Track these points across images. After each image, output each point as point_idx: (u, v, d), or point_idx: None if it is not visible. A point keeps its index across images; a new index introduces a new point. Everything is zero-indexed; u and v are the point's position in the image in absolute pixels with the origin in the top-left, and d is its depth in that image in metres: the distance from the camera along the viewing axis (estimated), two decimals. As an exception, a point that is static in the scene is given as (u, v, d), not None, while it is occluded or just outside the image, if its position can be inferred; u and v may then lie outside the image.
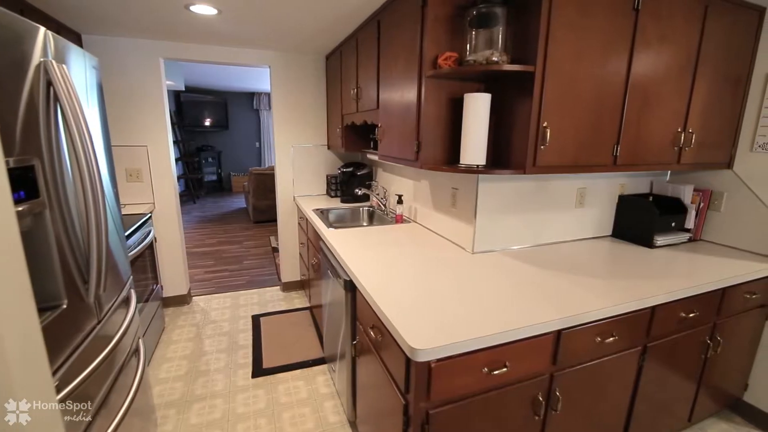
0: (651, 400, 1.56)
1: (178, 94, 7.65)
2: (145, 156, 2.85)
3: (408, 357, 1.04)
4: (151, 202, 2.93)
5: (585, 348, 1.28)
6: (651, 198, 2.10)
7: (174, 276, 3.11)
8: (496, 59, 1.42)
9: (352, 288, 1.59)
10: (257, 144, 9.02)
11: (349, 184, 3.04)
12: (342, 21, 2.22)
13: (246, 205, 6.88)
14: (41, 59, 1.01)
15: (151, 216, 2.74)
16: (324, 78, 3.23)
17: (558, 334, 1.21)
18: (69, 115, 1.06)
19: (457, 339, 1.04)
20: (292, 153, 3.28)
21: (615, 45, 1.49)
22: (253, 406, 2.01)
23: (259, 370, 2.30)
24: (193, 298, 3.32)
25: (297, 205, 3.26)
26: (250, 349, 2.52)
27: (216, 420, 1.91)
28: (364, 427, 1.64)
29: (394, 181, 2.73)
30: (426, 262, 1.65)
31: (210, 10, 2.04)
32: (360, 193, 2.84)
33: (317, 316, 2.67)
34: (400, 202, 2.44)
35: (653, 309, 1.39)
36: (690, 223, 2.01)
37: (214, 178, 8.72)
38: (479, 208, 1.76)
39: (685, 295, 1.45)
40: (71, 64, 1.19)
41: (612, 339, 1.31)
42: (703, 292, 1.50)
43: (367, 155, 2.99)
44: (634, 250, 1.90)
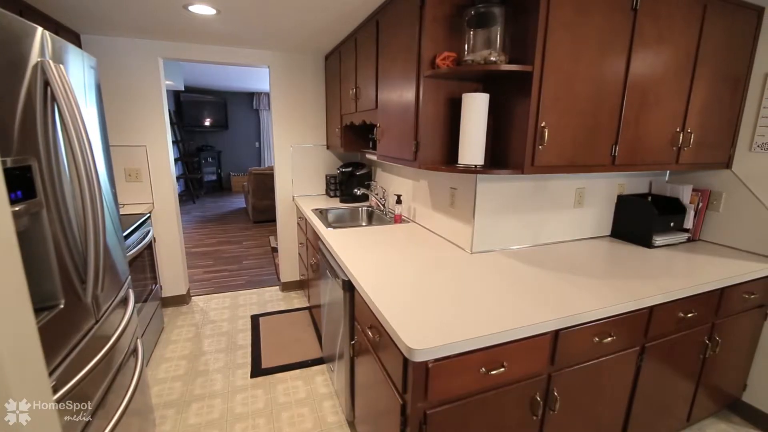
0: (649, 401, 1.56)
1: (177, 93, 7.65)
2: (144, 156, 2.85)
3: (405, 357, 1.04)
4: (150, 202, 2.93)
5: (583, 348, 1.28)
6: (650, 198, 2.10)
7: (173, 276, 3.11)
8: (494, 59, 1.42)
9: (350, 288, 1.59)
10: (257, 144, 9.02)
11: (348, 184, 3.04)
12: (341, 21, 2.22)
13: (246, 205, 6.88)
14: (38, 59, 1.01)
15: (150, 216, 2.74)
16: (323, 78, 3.23)
17: (556, 334, 1.21)
18: (66, 115, 1.06)
19: (455, 339, 1.04)
20: (291, 153, 3.28)
21: (613, 45, 1.49)
22: (252, 406, 2.01)
23: (257, 370, 2.30)
24: (193, 298, 3.32)
25: (296, 205, 3.26)
26: (249, 349, 2.52)
27: (214, 420, 1.91)
28: (363, 427, 1.64)
29: (393, 181, 2.73)
30: (424, 262, 1.65)
31: (208, 10, 2.04)
32: (359, 193, 2.84)
33: (316, 316, 2.67)
34: (399, 202, 2.43)
35: (651, 309, 1.39)
36: (689, 223, 2.01)
37: (214, 178, 8.72)
38: (478, 208, 1.76)
39: (684, 295, 1.45)
40: (69, 64, 1.19)
41: (610, 339, 1.31)
42: (702, 292, 1.50)
43: (366, 155, 2.99)
44: (632, 250, 1.90)
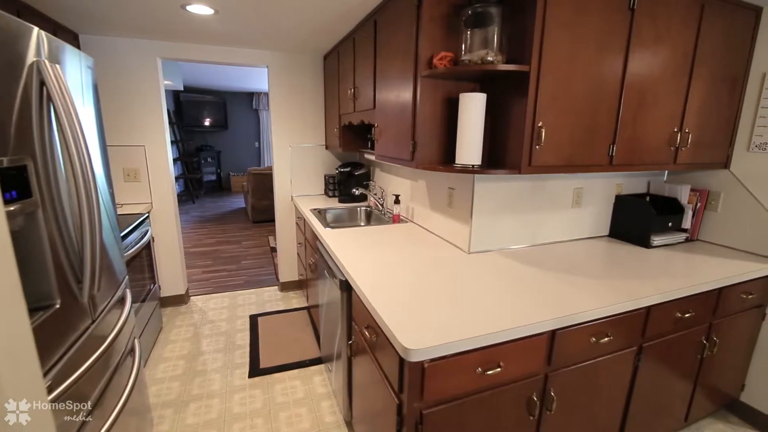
0: (647, 401, 1.56)
1: (177, 93, 7.65)
2: (142, 156, 2.85)
3: (401, 357, 1.04)
4: (148, 202, 2.93)
5: (580, 348, 1.28)
6: (648, 198, 2.10)
7: (172, 276, 3.11)
8: (491, 59, 1.41)
9: (347, 288, 1.59)
10: (257, 144, 9.02)
11: (346, 184, 3.04)
12: (339, 21, 2.22)
13: (245, 205, 6.88)
14: (34, 59, 1.01)
15: (148, 216, 2.75)
16: (322, 78, 3.23)
17: (552, 334, 1.20)
18: (62, 114, 1.05)
19: (451, 339, 1.04)
20: (290, 153, 3.27)
21: (610, 45, 1.49)
22: (250, 406, 2.01)
23: (256, 370, 2.30)
24: (191, 297, 3.32)
25: (295, 204, 3.26)
26: (248, 349, 2.52)
27: (212, 420, 1.91)
28: (360, 427, 1.64)
29: (391, 181, 2.73)
30: (422, 262, 1.65)
31: (206, 10, 2.04)
32: (357, 193, 2.84)
33: (315, 316, 2.67)
34: (397, 202, 2.43)
35: (648, 309, 1.39)
36: (687, 223, 2.01)
37: (214, 178, 8.72)
38: (475, 208, 1.76)
39: (681, 295, 1.45)
40: (65, 64, 1.19)
41: (607, 339, 1.31)
42: (700, 292, 1.50)
43: (365, 155, 2.99)
44: (630, 250, 1.89)
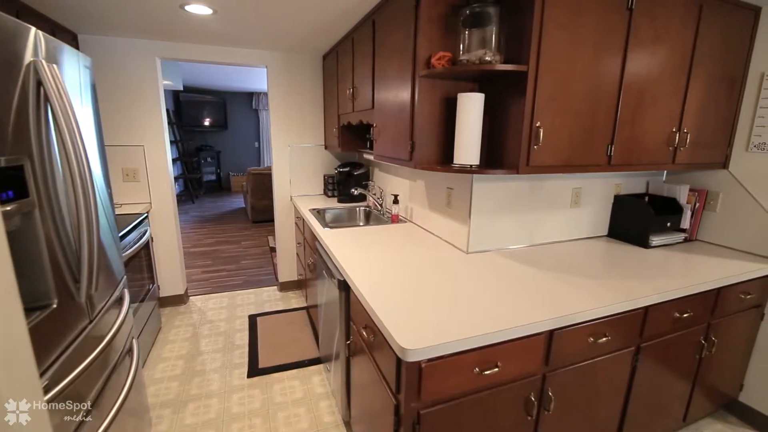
0: (645, 401, 1.56)
1: (177, 93, 7.65)
2: (141, 156, 2.85)
3: (398, 357, 1.04)
4: (147, 202, 2.93)
5: (578, 348, 1.28)
6: (647, 198, 2.10)
7: (171, 276, 3.11)
8: (490, 59, 1.41)
9: (346, 288, 1.59)
10: (256, 144, 9.02)
11: (345, 184, 3.04)
12: (338, 20, 2.21)
13: (245, 205, 6.88)
14: (31, 59, 1.01)
15: (147, 216, 2.74)
16: (321, 78, 3.23)
17: (550, 334, 1.20)
18: (59, 114, 1.05)
19: (448, 339, 1.04)
20: (289, 153, 3.27)
21: (609, 45, 1.49)
22: (248, 406, 2.01)
23: (254, 370, 2.30)
24: (190, 297, 3.32)
25: (294, 204, 3.26)
26: (246, 349, 2.52)
27: (211, 420, 1.91)
28: (358, 427, 1.64)
29: (390, 181, 2.73)
30: (420, 262, 1.65)
31: (205, 10, 2.04)
32: (356, 193, 2.84)
33: (313, 316, 2.67)
34: (396, 202, 2.43)
35: (647, 309, 1.39)
36: (685, 223, 2.01)
37: (213, 178, 8.72)
38: (474, 208, 1.76)
39: (679, 295, 1.45)
40: (63, 64, 1.19)
41: (605, 339, 1.31)
42: (698, 292, 1.50)
43: (364, 155, 2.99)
44: (629, 250, 1.89)
